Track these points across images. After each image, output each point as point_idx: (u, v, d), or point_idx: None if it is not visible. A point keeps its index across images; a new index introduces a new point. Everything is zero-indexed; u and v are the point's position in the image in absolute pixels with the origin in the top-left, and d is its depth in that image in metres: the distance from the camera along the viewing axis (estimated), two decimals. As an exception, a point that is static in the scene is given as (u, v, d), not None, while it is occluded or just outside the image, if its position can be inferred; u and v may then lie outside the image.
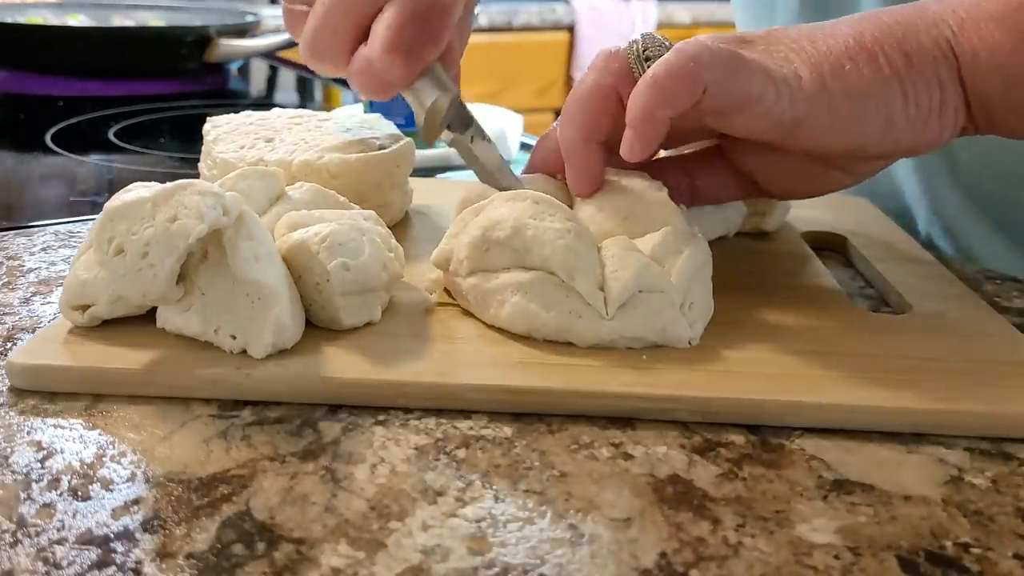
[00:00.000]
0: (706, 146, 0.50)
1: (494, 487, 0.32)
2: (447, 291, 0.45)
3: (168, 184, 0.38)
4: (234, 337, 0.38)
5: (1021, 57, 0.41)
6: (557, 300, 0.40)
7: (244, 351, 0.38)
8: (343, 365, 0.38)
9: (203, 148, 0.57)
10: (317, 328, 0.41)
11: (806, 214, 0.60)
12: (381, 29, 0.46)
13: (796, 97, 0.41)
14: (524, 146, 0.87)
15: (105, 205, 0.38)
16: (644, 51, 0.43)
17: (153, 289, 0.37)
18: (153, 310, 0.40)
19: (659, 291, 0.40)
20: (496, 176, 0.49)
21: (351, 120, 0.60)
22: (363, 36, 0.48)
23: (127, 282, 0.37)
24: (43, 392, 0.37)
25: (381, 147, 0.55)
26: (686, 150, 0.51)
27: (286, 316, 0.38)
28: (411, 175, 0.59)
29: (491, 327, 0.42)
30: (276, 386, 0.37)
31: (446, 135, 0.50)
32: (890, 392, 0.37)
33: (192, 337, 0.39)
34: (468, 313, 0.43)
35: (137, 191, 0.38)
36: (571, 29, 2.45)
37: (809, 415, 0.36)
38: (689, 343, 0.40)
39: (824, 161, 0.45)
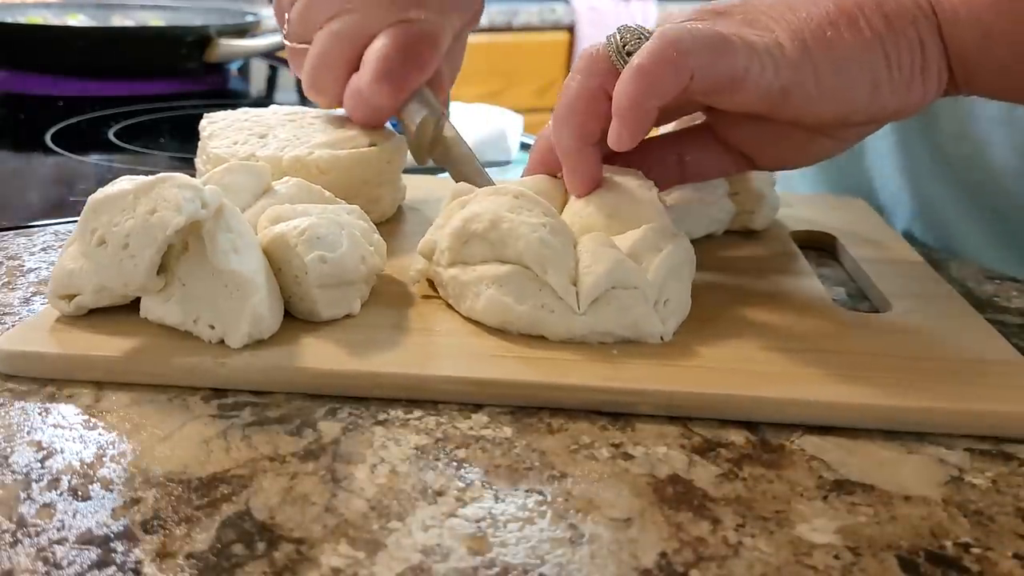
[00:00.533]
0: (694, 122, 0.50)
1: (494, 487, 0.32)
2: (431, 284, 0.45)
3: (149, 177, 0.39)
4: (212, 327, 0.39)
5: (999, 12, 0.41)
6: (530, 294, 0.40)
7: (222, 341, 0.39)
8: (318, 355, 0.38)
9: (199, 144, 0.57)
10: (297, 320, 0.42)
11: (798, 213, 0.60)
12: (370, 60, 0.51)
13: (781, 66, 0.41)
14: (524, 146, 0.87)
15: (90, 197, 0.39)
16: (624, 45, 0.43)
17: (134, 280, 0.38)
18: (138, 300, 0.41)
19: (632, 287, 0.40)
20: (474, 179, 0.52)
21: (345, 117, 0.61)
22: (356, 69, 0.52)
23: (109, 273, 0.38)
24: (44, 392, 0.38)
25: (372, 144, 0.55)
26: (673, 126, 0.51)
27: (263, 307, 0.39)
28: (413, 173, 0.59)
29: (469, 320, 0.42)
30: (251, 375, 0.38)
31: (437, 133, 0.53)
32: (858, 388, 0.37)
33: (174, 327, 0.40)
34: (449, 306, 0.44)
35: (121, 184, 0.39)
36: (571, 29, 2.45)
37: (774, 411, 0.37)
38: (661, 339, 0.41)
39: (812, 129, 0.45)
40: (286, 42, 0.56)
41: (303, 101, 1.23)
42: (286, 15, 0.56)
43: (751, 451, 0.35)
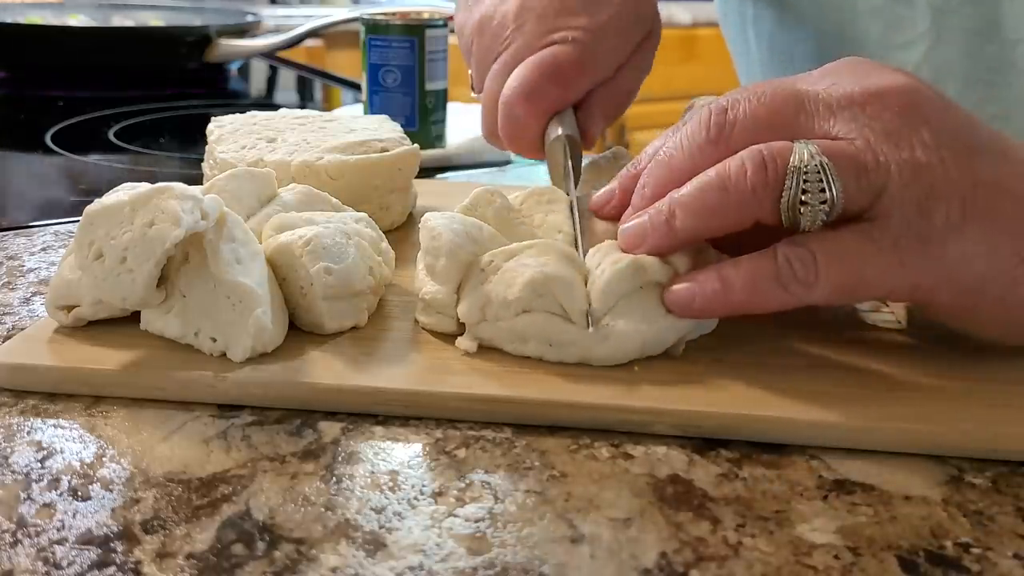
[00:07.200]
0: None
1: (494, 487, 0.32)
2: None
3: (147, 187, 0.38)
4: (214, 340, 0.38)
5: None
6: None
7: (224, 354, 0.38)
8: (321, 370, 0.38)
9: (207, 148, 0.57)
10: (302, 332, 0.41)
11: None
12: (511, 78, 0.51)
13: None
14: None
15: (86, 209, 0.38)
16: (801, 195, 0.36)
17: (132, 294, 0.37)
18: (139, 311, 0.40)
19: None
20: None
21: (357, 121, 0.60)
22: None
23: (107, 287, 0.37)
24: (43, 392, 0.37)
25: (384, 150, 0.55)
26: None
27: (266, 319, 0.38)
28: (423, 178, 0.59)
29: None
30: (250, 390, 0.37)
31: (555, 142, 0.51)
32: (881, 409, 0.36)
33: (174, 339, 0.39)
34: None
35: (117, 195, 0.38)
36: (571, 29, 2.44)
37: (793, 433, 0.35)
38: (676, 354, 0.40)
39: None
40: (474, 95, 0.57)
41: (303, 102, 1.23)
42: (470, 72, 0.57)
43: (751, 451, 0.35)
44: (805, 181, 0.35)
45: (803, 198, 0.36)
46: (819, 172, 0.35)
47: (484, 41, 0.53)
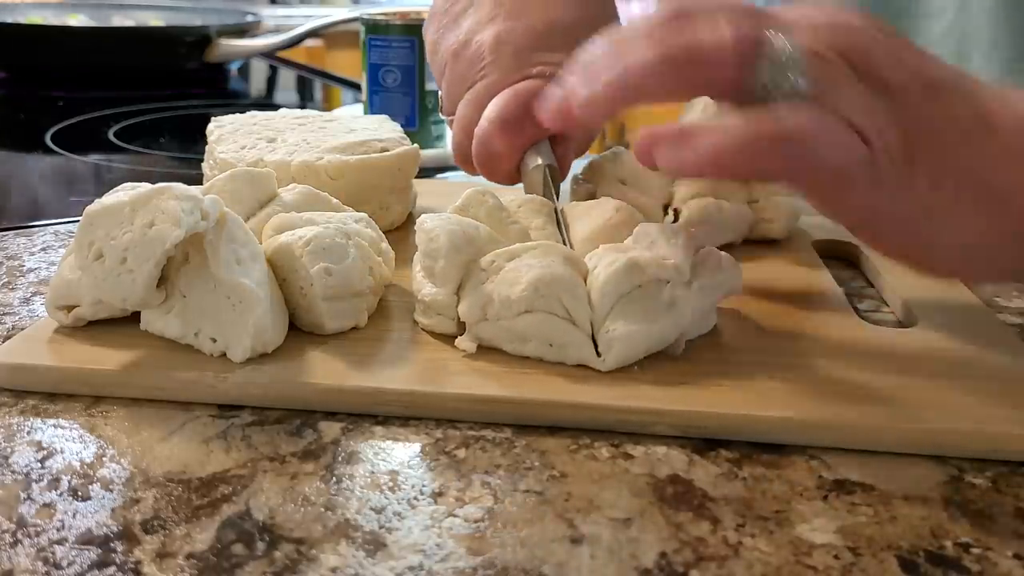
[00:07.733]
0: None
1: (494, 487, 0.32)
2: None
3: (147, 187, 0.38)
4: (214, 340, 0.38)
5: None
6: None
7: (224, 354, 0.38)
8: (321, 371, 0.38)
9: (207, 148, 0.57)
10: (302, 332, 0.41)
11: (819, 221, 0.58)
12: (488, 109, 0.50)
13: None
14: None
15: (86, 209, 0.38)
16: (774, 81, 0.35)
17: (132, 295, 0.37)
18: (139, 311, 0.40)
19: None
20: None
21: (357, 121, 0.60)
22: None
23: (107, 287, 0.37)
24: (43, 392, 0.37)
25: (384, 150, 0.55)
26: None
27: (267, 320, 0.38)
28: (424, 178, 0.59)
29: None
30: (250, 390, 0.37)
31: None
32: (879, 409, 0.36)
33: (175, 340, 0.39)
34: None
35: (117, 195, 0.38)
36: (571, 29, 2.44)
37: (794, 433, 0.35)
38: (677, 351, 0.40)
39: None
40: (443, 116, 0.57)
41: (303, 102, 1.24)
42: (440, 93, 0.56)
43: (751, 451, 0.35)
44: (776, 67, 0.34)
45: (774, 87, 0.34)
46: (789, 56, 0.34)
47: (458, 67, 0.53)
